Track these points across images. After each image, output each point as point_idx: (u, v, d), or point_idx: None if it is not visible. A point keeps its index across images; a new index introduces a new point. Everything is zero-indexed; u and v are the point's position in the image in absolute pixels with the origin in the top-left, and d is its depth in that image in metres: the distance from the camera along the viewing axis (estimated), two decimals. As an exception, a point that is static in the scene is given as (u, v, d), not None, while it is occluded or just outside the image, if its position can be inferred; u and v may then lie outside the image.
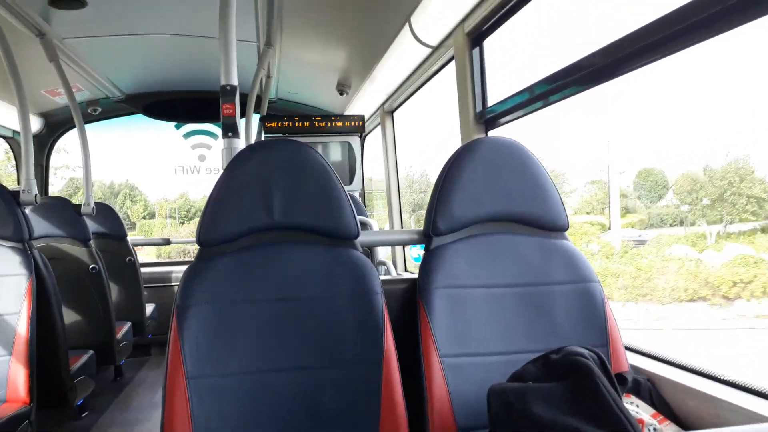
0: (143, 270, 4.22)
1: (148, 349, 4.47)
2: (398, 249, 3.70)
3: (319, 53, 3.34)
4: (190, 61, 3.66)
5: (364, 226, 3.08)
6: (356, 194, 3.64)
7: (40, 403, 2.15)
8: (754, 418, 1.03)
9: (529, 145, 1.44)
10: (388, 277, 2.46)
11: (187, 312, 1.19)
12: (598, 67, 1.48)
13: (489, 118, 2.14)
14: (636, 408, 1.11)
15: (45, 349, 2.24)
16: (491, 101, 2.18)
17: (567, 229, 1.43)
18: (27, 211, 2.36)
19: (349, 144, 3.49)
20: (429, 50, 2.52)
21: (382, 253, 3.06)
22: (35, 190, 2.41)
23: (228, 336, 1.19)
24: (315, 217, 1.31)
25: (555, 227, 1.42)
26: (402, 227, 3.82)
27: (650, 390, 1.23)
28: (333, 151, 3.64)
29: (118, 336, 3.44)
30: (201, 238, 1.28)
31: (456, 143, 2.31)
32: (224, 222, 1.28)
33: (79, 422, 3.03)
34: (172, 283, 4.53)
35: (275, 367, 1.20)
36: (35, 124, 4.18)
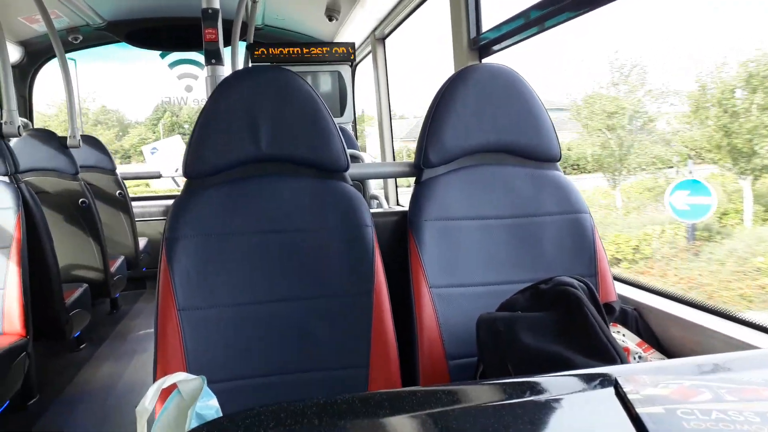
0: (134, 203, 4.19)
1: (143, 283, 4.51)
2: (390, 182, 3.68)
3: (306, -25, 3.19)
4: (172, -16, 3.50)
5: (356, 158, 3.04)
6: (347, 126, 3.57)
7: (37, 336, 2.18)
8: (735, 344, 1.05)
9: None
10: (379, 210, 2.45)
11: (176, 244, 1.18)
12: None
13: (483, 45, 2.07)
14: (622, 337, 1.13)
15: (38, 282, 2.25)
16: (485, 28, 2.10)
17: (559, 159, 1.41)
18: (12, 144, 2.31)
19: (340, 73, 3.40)
20: None
21: (375, 187, 3.04)
22: (18, 122, 2.35)
23: (218, 268, 1.19)
24: (303, 149, 1.28)
25: (547, 158, 1.40)
26: (394, 159, 3.78)
27: (636, 319, 1.25)
28: (323, 81, 3.54)
29: (112, 270, 3.46)
30: (188, 170, 1.26)
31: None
32: (211, 153, 1.24)
33: (77, 354, 3.10)
34: (164, 218, 4.52)
35: (266, 298, 1.21)
36: (15, 53, 4.03)
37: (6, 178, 2.17)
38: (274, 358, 1.19)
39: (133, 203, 4.14)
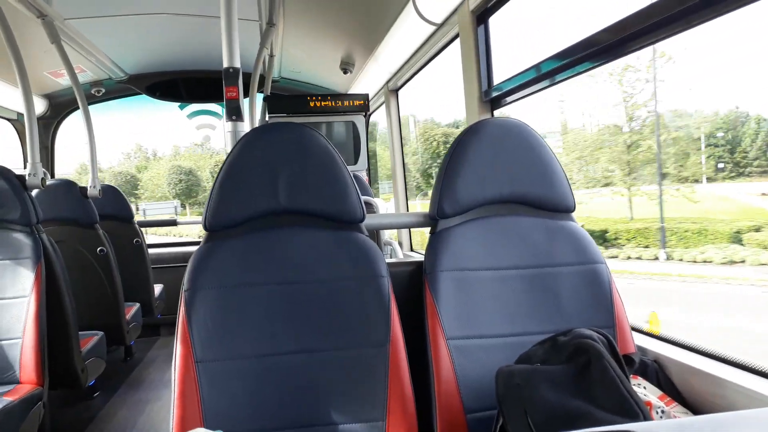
0: (150, 251, 4.24)
1: (158, 330, 4.51)
2: (404, 230, 3.69)
3: (321, 31, 3.30)
4: (192, 40, 3.62)
5: (369, 206, 3.07)
6: (361, 174, 3.62)
7: (52, 385, 2.18)
8: (759, 399, 1.03)
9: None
10: (394, 259, 2.46)
11: (194, 296, 1.20)
12: (605, 45, 1.46)
13: (495, 97, 2.12)
14: (644, 390, 1.11)
15: (55, 331, 2.26)
16: (497, 81, 2.15)
17: (573, 210, 1.42)
18: (33, 194, 2.36)
19: (354, 123, 3.46)
20: (433, 28, 2.48)
21: (388, 233, 3.06)
22: (41, 174, 2.41)
23: (235, 320, 1.20)
24: (320, 201, 1.31)
25: (561, 208, 1.41)
26: (408, 209, 3.81)
27: (657, 371, 1.23)
28: (337, 130, 3.61)
29: (127, 317, 3.47)
30: (208, 223, 1.29)
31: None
32: (230, 206, 1.28)
33: (91, 402, 3.08)
34: (180, 264, 4.56)
35: (282, 350, 1.21)
36: (39, 106, 4.16)
37: (27, 229, 2.21)
38: (290, 410, 1.19)
39: (149, 250, 4.18)
